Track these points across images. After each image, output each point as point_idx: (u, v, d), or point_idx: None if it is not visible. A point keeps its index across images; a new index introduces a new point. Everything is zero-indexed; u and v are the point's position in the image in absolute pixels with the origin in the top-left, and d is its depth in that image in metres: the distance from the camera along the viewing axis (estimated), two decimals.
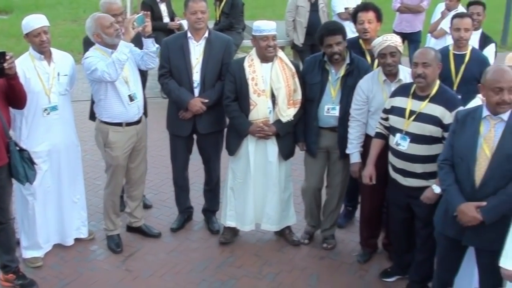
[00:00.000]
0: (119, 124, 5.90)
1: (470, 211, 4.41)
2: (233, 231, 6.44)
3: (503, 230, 4.19)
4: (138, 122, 6.02)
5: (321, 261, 6.17)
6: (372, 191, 5.77)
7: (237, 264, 6.06)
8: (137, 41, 5.89)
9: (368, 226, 6.11)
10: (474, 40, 7.17)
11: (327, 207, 6.38)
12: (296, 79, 5.91)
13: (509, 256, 4.12)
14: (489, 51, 7.21)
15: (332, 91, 5.89)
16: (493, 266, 4.23)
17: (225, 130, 6.36)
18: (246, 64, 5.92)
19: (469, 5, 8.09)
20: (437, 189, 4.95)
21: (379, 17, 6.35)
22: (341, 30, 5.83)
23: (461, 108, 4.84)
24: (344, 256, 6.27)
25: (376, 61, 5.92)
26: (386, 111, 5.35)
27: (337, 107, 5.88)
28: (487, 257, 4.47)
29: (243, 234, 6.49)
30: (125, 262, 6.05)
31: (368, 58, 6.19)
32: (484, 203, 4.38)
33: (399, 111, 5.19)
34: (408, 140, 5.10)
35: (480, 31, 7.58)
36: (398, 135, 5.16)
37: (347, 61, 5.87)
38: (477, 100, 4.90)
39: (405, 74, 5.58)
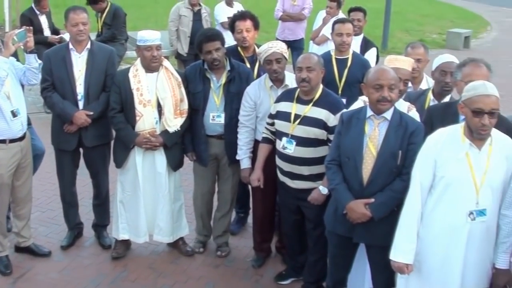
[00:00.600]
0: (3, 141, 5.65)
1: (359, 208, 4.55)
2: (125, 245, 6.32)
3: (392, 226, 4.33)
4: (22, 138, 5.79)
5: (216, 269, 6.17)
6: (263, 196, 5.85)
7: (131, 278, 5.95)
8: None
9: (261, 231, 6.16)
10: (356, 45, 7.44)
11: (218, 213, 6.39)
12: (182, 89, 5.89)
13: (397, 248, 4.28)
14: (371, 55, 7.50)
15: (216, 99, 5.92)
16: (385, 262, 4.37)
17: (112, 142, 6.24)
18: (131, 74, 5.85)
19: (350, 11, 8.39)
20: (324, 190, 5.08)
21: (256, 25, 6.47)
22: (219, 36, 5.88)
23: (344, 110, 4.99)
24: (238, 262, 6.29)
25: (256, 68, 6.01)
26: (271, 116, 5.44)
27: (222, 115, 5.91)
28: (378, 253, 4.62)
29: (135, 247, 6.39)
30: (15, 284, 5.79)
31: (248, 66, 6.28)
32: (372, 200, 4.54)
33: (284, 116, 5.28)
34: (294, 143, 5.20)
35: (361, 36, 7.88)
36: (284, 139, 5.25)
37: (228, 68, 5.93)
38: (359, 102, 5.07)
39: (291, 80, 5.67)
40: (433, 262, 4.27)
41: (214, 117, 5.93)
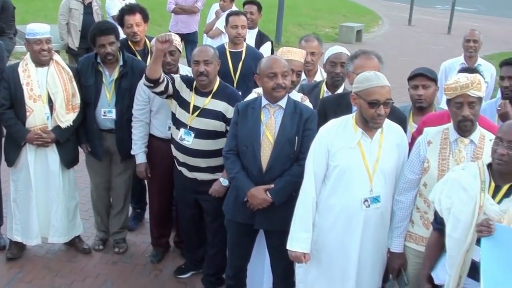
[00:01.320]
0: None
1: (260, 194, 4.63)
2: (20, 245, 6.10)
3: (291, 211, 4.42)
4: None
5: (114, 266, 6.08)
6: (159, 190, 5.84)
7: (27, 279, 5.76)
8: None
9: (158, 226, 6.13)
10: (251, 39, 7.52)
11: (113, 209, 6.30)
12: (74, 83, 5.75)
13: (293, 238, 4.36)
14: (266, 49, 7.59)
15: (107, 94, 5.83)
16: (283, 247, 4.43)
17: (3, 140, 6.02)
18: (20, 69, 5.65)
19: (244, 4, 8.45)
20: (224, 182, 5.11)
21: (146, 19, 6.45)
22: (113, 30, 5.79)
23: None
24: (137, 258, 6.23)
25: (148, 61, 5.96)
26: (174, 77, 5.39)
27: (113, 110, 5.83)
28: (277, 238, 4.68)
29: (31, 247, 6.17)
30: None
31: (139, 59, 6.23)
32: (272, 186, 4.63)
33: (184, 103, 5.27)
34: (193, 135, 5.20)
35: (256, 30, 7.96)
36: (182, 130, 5.24)
37: (120, 62, 5.86)
38: (253, 95, 5.14)
39: (185, 72, 5.68)
40: (331, 249, 4.38)
41: (106, 112, 5.84)
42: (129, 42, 6.41)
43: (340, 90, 5.48)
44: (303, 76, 5.91)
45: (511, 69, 5.37)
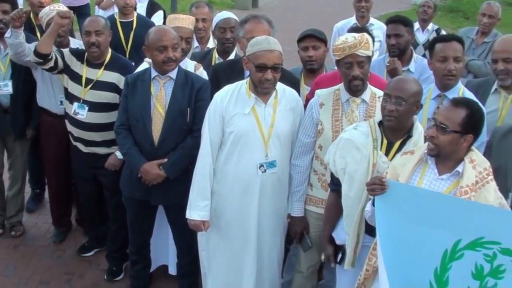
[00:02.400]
0: None
1: (153, 169, 4.45)
2: None
3: (188, 184, 4.30)
4: None
5: (16, 250, 5.79)
6: (56, 169, 5.59)
7: None
8: None
9: (58, 205, 5.87)
10: (142, 8, 7.24)
11: (10, 191, 5.98)
12: None
13: (192, 206, 4.25)
14: (157, 18, 7.32)
15: (2, 67, 5.49)
16: (184, 221, 4.32)
17: None
18: None
19: None
20: (120, 155, 4.91)
21: None
22: (9, 1, 5.45)
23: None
24: (39, 240, 5.96)
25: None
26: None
27: (9, 83, 5.49)
28: (176, 213, 4.56)
29: None
30: None
31: (38, 35, 5.88)
32: (165, 160, 4.46)
33: (76, 77, 5.03)
34: (87, 108, 4.98)
35: None
36: (75, 103, 5.00)
37: None
38: (144, 64, 4.94)
39: (76, 45, 5.45)
40: (230, 215, 4.30)
41: (1, 86, 5.49)
42: (31, 15, 6.05)
43: (232, 57, 5.35)
44: (196, 43, 5.74)
45: (396, 27, 5.37)
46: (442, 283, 3.30)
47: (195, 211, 4.25)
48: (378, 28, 7.06)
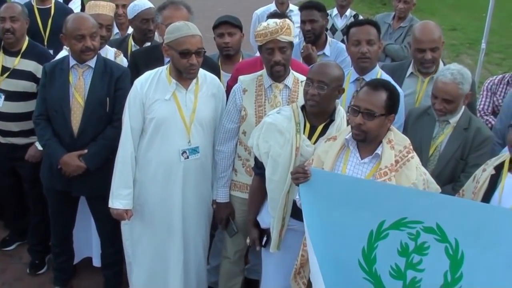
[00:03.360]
0: None
1: (73, 161, 4.31)
2: None
3: (109, 174, 4.18)
4: None
5: None
6: None
7: None
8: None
9: None
10: None
11: None
12: None
13: (114, 195, 4.14)
14: (75, 5, 7.09)
15: None
16: (106, 212, 4.20)
17: None
18: None
19: None
20: (40, 146, 4.73)
21: None
22: None
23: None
24: None
25: None
26: None
27: None
28: (99, 203, 4.43)
29: None
30: None
31: None
32: (85, 151, 4.32)
33: None
34: (3, 97, 4.77)
35: None
36: None
37: None
38: (64, 52, 4.77)
39: None
40: (153, 203, 4.21)
41: None
42: None
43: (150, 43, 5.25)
44: (116, 29, 5.59)
45: (310, 13, 5.36)
46: (370, 260, 3.38)
47: (117, 200, 4.14)
48: (298, 14, 7.05)
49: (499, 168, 3.55)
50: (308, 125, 3.78)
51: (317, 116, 3.76)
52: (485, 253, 3.17)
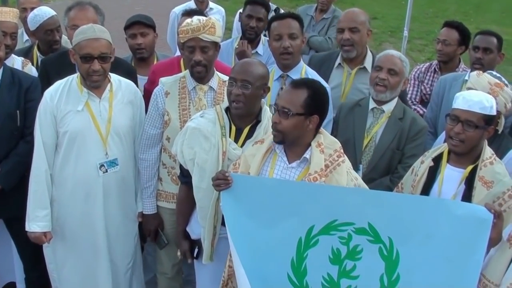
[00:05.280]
0: None
1: None
2: None
3: (25, 194, 3.82)
4: None
5: None
6: None
7: None
8: None
9: None
10: None
11: None
12: None
13: (30, 218, 3.81)
14: None
15: None
16: (26, 234, 3.85)
17: None
18: None
19: None
20: None
21: None
22: None
23: None
24: None
25: None
26: None
27: None
28: (16, 226, 4.06)
29: None
30: None
31: None
32: None
33: None
34: None
35: None
36: None
37: None
38: None
39: None
40: (74, 223, 3.89)
41: None
42: None
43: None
44: (25, 36, 5.23)
45: (259, 10, 5.12)
46: (300, 273, 3.15)
47: (34, 223, 3.79)
48: (217, 12, 6.82)
49: (437, 160, 3.43)
50: (233, 127, 3.52)
51: (243, 117, 3.51)
52: (421, 249, 3.02)
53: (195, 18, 3.76)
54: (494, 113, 3.32)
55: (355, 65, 4.55)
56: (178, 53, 4.70)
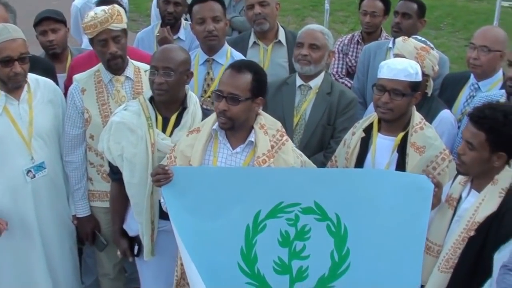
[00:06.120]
0: None
1: None
2: None
3: None
4: None
5: None
6: None
7: None
8: None
9: None
10: None
11: None
12: None
13: None
14: None
15: None
16: None
17: None
18: None
19: None
20: None
21: None
22: None
23: None
24: None
25: None
26: None
27: None
28: None
29: None
30: None
31: None
32: None
33: None
34: None
35: None
36: None
37: None
38: None
39: None
40: (7, 233, 3.62)
41: None
42: None
43: None
44: None
45: None
46: (251, 261, 3.08)
47: None
48: None
49: (368, 130, 3.40)
50: (159, 117, 3.41)
51: (168, 106, 3.40)
52: (368, 221, 3.01)
53: (99, 9, 3.64)
54: (419, 79, 3.31)
55: (270, 40, 4.50)
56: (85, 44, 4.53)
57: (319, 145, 3.95)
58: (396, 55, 3.70)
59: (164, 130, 3.40)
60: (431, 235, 3.02)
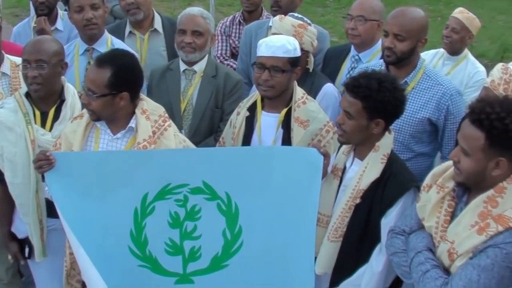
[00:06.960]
0: None
1: None
2: None
3: None
4: None
5: None
6: None
7: None
8: None
9: None
10: None
11: None
12: None
13: None
14: None
15: None
16: None
17: None
18: None
19: None
20: None
21: None
22: None
23: None
24: None
25: None
26: None
27: None
28: None
29: None
30: None
31: None
32: None
33: None
34: None
35: None
36: None
37: None
38: None
39: None
40: None
41: None
42: None
43: None
44: None
45: None
46: (141, 244, 3.02)
47: None
48: None
49: (252, 109, 3.41)
50: (37, 112, 3.27)
51: (45, 100, 3.28)
52: (259, 198, 3.00)
53: None
54: (298, 54, 3.33)
55: (145, 29, 4.44)
56: None
57: (209, 129, 3.93)
58: (274, 35, 3.71)
59: (43, 125, 3.29)
60: (319, 206, 3.04)
